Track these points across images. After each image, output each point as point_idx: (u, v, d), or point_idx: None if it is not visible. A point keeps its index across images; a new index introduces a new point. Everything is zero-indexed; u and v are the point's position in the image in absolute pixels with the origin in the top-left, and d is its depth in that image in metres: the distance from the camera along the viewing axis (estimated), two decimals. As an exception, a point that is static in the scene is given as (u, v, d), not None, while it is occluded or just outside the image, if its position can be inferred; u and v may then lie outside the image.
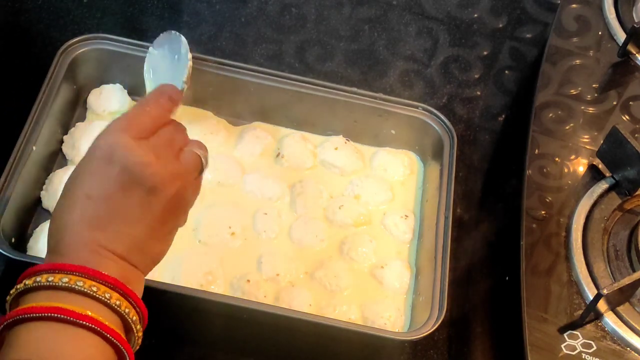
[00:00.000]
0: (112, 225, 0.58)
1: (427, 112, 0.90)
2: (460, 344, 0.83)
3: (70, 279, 0.55)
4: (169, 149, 0.62)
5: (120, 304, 0.56)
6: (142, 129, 0.61)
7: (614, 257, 0.80)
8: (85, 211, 0.58)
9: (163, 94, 0.65)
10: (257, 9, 1.06)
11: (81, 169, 0.60)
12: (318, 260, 0.83)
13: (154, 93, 0.66)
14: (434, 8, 1.10)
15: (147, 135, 0.61)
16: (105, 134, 0.60)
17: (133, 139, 0.59)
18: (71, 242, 0.57)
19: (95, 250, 0.57)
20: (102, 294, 0.55)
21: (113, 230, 0.58)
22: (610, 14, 0.99)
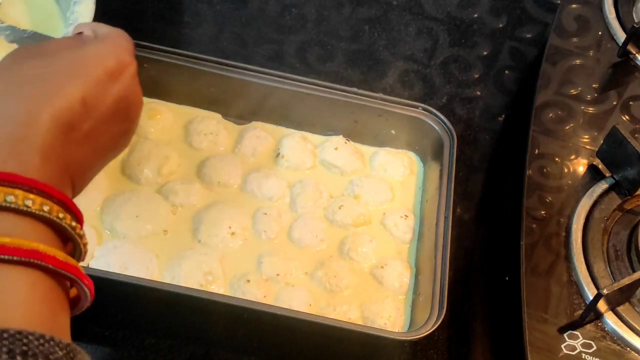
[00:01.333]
0: (87, 147, 0.53)
1: (427, 112, 0.90)
2: (460, 344, 0.83)
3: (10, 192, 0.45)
4: None
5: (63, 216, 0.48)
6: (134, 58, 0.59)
7: (614, 257, 0.80)
8: (72, 116, 0.52)
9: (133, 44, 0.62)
10: (257, 9, 1.06)
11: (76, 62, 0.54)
12: (318, 260, 0.83)
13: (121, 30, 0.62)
14: (434, 8, 1.10)
15: None
16: (117, 47, 0.57)
17: (137, 69, 0.58)
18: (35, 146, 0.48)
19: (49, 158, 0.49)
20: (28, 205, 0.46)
21: (83, 154, 0.53)
22: (610, 14, 0.99)
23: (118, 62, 0.56)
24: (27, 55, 0.54)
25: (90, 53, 0.56)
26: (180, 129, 0.91)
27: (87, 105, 0.53)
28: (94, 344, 0.78)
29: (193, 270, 0.79)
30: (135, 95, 0.58)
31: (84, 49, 0.56)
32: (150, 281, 0.75)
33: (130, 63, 0.58)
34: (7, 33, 0.70)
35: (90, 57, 0.55)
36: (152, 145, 0.87)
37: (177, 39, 1.02)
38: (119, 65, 0.56)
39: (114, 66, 0.56)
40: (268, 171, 0.88)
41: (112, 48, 0.57)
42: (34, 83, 0.51)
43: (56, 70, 0.53)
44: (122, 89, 0.56)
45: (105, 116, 0.55)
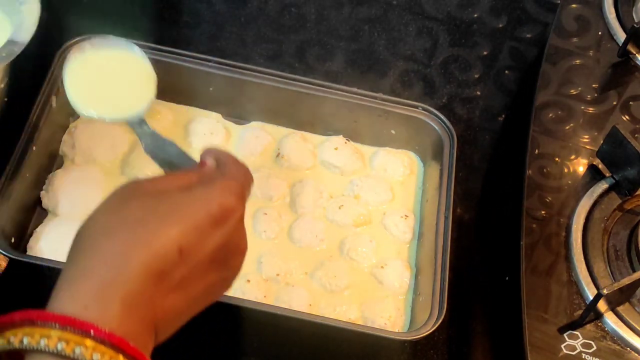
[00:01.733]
0: (177, 296, 0.50)
1: (427, 112, 0.90)
2: (460, 344, 0.83)
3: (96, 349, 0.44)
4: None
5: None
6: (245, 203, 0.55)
7: (614, 257, 0.80)
8: (165, 265, 0.48)
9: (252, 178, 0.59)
10: (257, 8, 1.06)
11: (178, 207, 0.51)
12: (318, 260, 0.83)
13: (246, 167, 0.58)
14: (434, 8, 1.10)
15: None
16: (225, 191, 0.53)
17: (243, 214, 0.54)
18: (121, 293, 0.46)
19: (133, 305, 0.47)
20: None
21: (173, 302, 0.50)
22: (610, 14, 0.99)
23: (223, 208, 0.52)
24: (134, 194, 0.52)
25: (196, 196, 0.52)
26: (180, 129, 0.91)
27: (183, 253, 0.49)
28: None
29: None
30: (238, 243, 0.54)
31: (191, 191, 0.52)
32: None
33: (236, 209, 0.53)
34: (147, 142, 0.66)
35: (194, 201, 0.52)
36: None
37: (177, 38, 1.02)
38: (224, 211, 0.52)
39: (217, 213, 0.51)
40: (268, 171, 0.88)
41: (220, 192, 0.53)
42: (133, 227, 0.49)
43: (157, 213, 0.50)
44: (223, 237, 0.52)
45: (202, 265, 0.51)
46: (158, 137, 0.66)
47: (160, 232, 0.49)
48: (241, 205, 0.54)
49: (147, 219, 0.49)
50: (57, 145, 0.87)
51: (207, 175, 0.56)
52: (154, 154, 0.65)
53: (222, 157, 0.58)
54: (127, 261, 0.47)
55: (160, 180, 0.55)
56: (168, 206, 0.51)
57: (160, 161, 0.65)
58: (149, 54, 0.88)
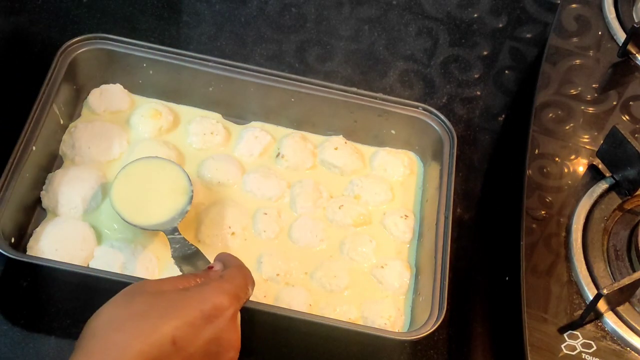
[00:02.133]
0: None
1: (427, 112, 0.90)
2: (460, 344, 0.83)
3: None
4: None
5: None
6: (241, 303, 0.63)
7: (614, 257, 0.80)
8: (160, 354, 0.56)
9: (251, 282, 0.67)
10: (257, 8, 1.06)
11: (175, 304, 0.59)
12: (318, 260, 0.83)
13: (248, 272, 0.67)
14: (434, 8, 1.10)
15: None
16: (218, 291, 0.61)
17: (236, 312, 0.61)
18: None
19: None
20: None
21: None
22: (610, 14, 0.99)
23: (214, 306, 0.59)
24: (139, 292, 0.60)
25: (191, 296, 0.60)
26: (180, 129, 0.91)
27: (176, 345, 0.56)
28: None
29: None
30: (229, 339, 0.60)
31: (187, 292, 0.60)
32: (150, 281, 0.75)
33: (227, 308, 0.60)
34: (176, 247, 0.75)
35: (189, 300, 0.59)
36: (153, 145, 0.87)
37: (177, 38, 1.02)
38: (215, 309, 0.59)
39: (209, 310, 0.59)
40: (268, 171, 0.88)
41: (212, 292, 0.60)
42: (136, 320, 0.57)
43: (157, 310, 0.58)
44: (215, 332, 0.59)
45: (195, 356, 0.58)
46: (185, 243, 0.75)
47: (158, 325, 0.56)
48: (233, 304, 0.61)
49: (147, 313, 0.57)
50: (57, 145, 0.87)
51: (209, 277, 0.64)
52: (179, 259, 0.74)
53: (229, 261, 0.67)
54: (126, 349, 0.55)
55: (163, 281, 0.63)
56: (166, 303, 0.58)
57: (184, 266, 0.73)
58: (149, 54, 0.89)
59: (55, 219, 0.81)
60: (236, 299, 0.62)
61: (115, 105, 0.90)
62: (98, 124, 0.88)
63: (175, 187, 0.79)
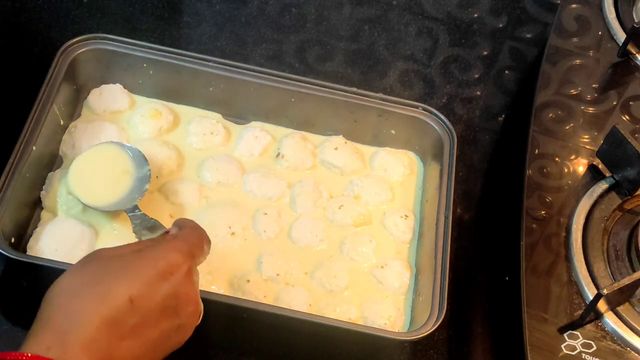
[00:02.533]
0: (133, 341, 0.57)
1: (427, 112, 0.90)
2: (460, 344, 0.83)
3: None
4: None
5: None
6: (196, 260, 0.64)
7: (614, 257, 0.80)
8: (118, 313, 0.57)
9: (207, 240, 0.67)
10: (257, 9, 1.06)
11: (129, 265, 0.60)
12: (318, 260, 0.83)
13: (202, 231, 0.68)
14: (434, 8, 1.10)
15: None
16: (171, 249, 0.62)
17: (192, 269, 0.62)
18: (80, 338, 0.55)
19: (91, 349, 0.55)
20: None
21: (129, 347, 0.57)
22: (610, 14, 0.99)
23: (168, 263, 0.60)
24: (94, 258, 0.61)
25: (144, 256, 0.61)
26: (180, 129, 0.91)
27: (133, 304, 0.57)
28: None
29: None
30: (186, 293, 0.61)
31: (141, 253, 0.61)
32: (150, 281, 0.75)
33: (181, 264, 0.61)
34: (137, 222, 0.77)
35: (143, 260, 0.60)
36: (153, 145, 0.87)
37: (177, 38, 1.02)
38: (169, 266, 0.60)
39: (163, 267, 0.60)
40: (268, 171, 0.88)
41: (166, 251, 0.62)
42: (91, 285, 0.58)
43: (110, 272, 0.59)
44: (171, 288, 0.60)
45: (154, 313, 0.59)
46: (145, 217, 0.77)
47: (113, 288, 0.57)
48: (187, 261, 0.62)
49: (102, 277, 0.58)
50: (57, 145, 0.87)
51: (169, 237, 0.66)
52: (140, 233, 0.75)
53: (184, 224, 0.68)
54: (84, 313, 0.56)
55: (118, 247, 0.63)
56: (120, 264, 0.60)
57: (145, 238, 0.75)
58: (149, 54, 0.89)
59: (55, 219, 0.81)
60: (190, 255, 0.63)
61: (115, 105, 0.90)
62: (98, 124, 0.88)
63: (125, 168, 0.82)
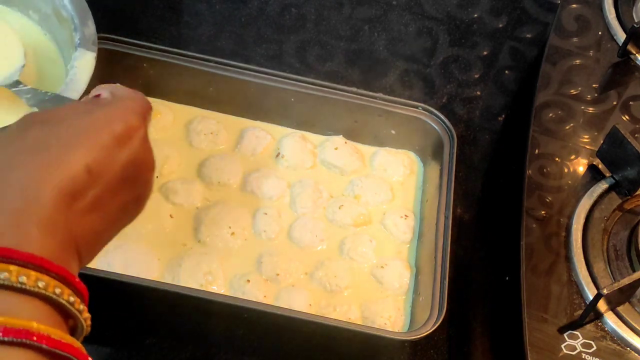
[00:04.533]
0: (93, 215, 0.50)
1: (427, 112, 0.90)
2: (460, 344, 0.83)
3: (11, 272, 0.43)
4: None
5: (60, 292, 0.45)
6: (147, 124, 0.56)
7: (614, 257, 0.80)
8: (75, 185, 0.49)
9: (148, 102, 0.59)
10: (257, 9, 1.06)
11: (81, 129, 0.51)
12: (318, 260, 0.83)
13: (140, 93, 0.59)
14: (434, 8, 1.10)
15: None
16: (125, 110, 0.54)
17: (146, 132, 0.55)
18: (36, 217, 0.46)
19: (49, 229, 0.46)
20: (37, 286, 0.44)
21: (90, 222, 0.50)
22: (610, 14, 0.99)
23: (126, 126, 0.53)
24: (33, 122, 0.52)
25: (97, 117, 0.53)
26: (180, 129, 0.91)
27: (91, 173, 0.49)
28: (94, 344, 0.78)
29: (193, 270, 0.79)
30: (145, 159, 0.55)
31: (92, 114, 0.53)
32: (151, 281, 0.75)
33: (139, 127, 0.54)
34: (28, 96, 0.70)
35: (96, 123, 0.52)
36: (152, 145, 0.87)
37: (177, 38, 1.02)
38: (127, 129, 0.53)
39: (121, 131, 0.52)
40: (268, 171, 0.88)
41: (121, 112, 0.54)
42: (36, 152, 0.49)
43: (60, 137, 0.50)
44: (131, 154, 0.53)
45: (113, 183, 0.52)
46: (37, 91, 0.71)
47: (67, 155, 0.49)
48: (143, 123, 0.55)
49: (50, 144, 0.49)
50: (57, 145, 0.87)
51: (106, 101, 0.57)
52: (38, 105, 0.69)
53: (116, 89, 0.59)
54: (36, 188, 0.47)
55: (57, 109, 0.54)
56: (71, 130, 0.51)
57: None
58: (149, 54, 0.89)
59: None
60: (144, 118, 0.56)
61: (115, 105, 0.90)
62: (98, 124, 0.88)
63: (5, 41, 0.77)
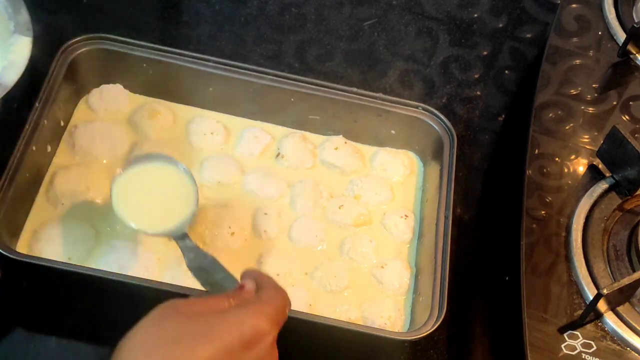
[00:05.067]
0: None
1: (427, 112, 0.90)
2: (460, 344, 0.83)
3: None
4: None
5: None
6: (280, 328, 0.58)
7: (614, 257, 0.80)
8: None
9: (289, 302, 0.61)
10: (257, 8, 1.06)
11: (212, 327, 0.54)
12: (318, 260, 0.83)
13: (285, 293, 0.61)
14: (434, 8, 1.10)
15: None
16: (259, 314, 0.56)
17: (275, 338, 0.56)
18: None
19: None
20: None
21: None
22: (610, 14, 0.99)
23: (255, 331, 0.55)
24: (171, 313, 0.55)
25: (229, 319, 0.55)
26: (180, 129, 0.91)
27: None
28: (93, 344, 0.78)
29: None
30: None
31: (227, 313, 0.56)
32: (150, 281, 0.75)
33: (269, 333, 0.56)
34: (191, 256, 0.70)
35: (227, 324, 0.54)
36: (153, 145, 0.87)
37: (177, 38, 1.02)
38: (255, 335, 0.55)
39: (249, 335, 0.54)
40: (268, 171, 0.88)
41: (253, 315, 0.56)
42: (169, 345, 0.52)
43: (191, 334, 0.53)
44: (255, 358, 0.55)
45: None
46: (200, 252, 0.70)
47: (193, 350, 0.52)
48: (274, 329, 0.56)
49: (181, 338, 0.52)
50: (57, 145, 0.87)
51: (244, 298, 0.59)
52: (196, 270, 0.68)
53: (262, 281, 0.61)
54: None
55: (196, 301, 0.57)
56: (202, 327, 0.53)
57: (202, 279, 0.68)
58: (149, 54, 0.89)
59: (55, 218, 0.81)
60: (276, 323, 0.57)
61: (115, 105, 0.90)
62: (98, 124, 0.88)
63: (180, 191, 0.73)
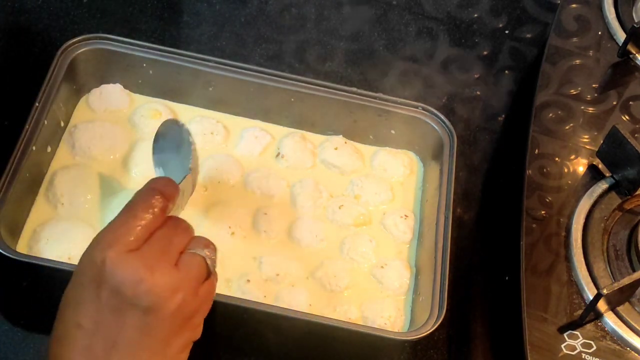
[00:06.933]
0: (109, 357, 0.54)
1: (427, 112, 0.90)
2: (460, 344, 0.83)
3: None
4: (164, 257, 0.56)
5: None
6: (130, 239, 0.55)
7: (614, 257, 0.80)
8: (76, 343, 0.54)
9: (152, 192, 0.58)
10: (257, 8, 1.06)
11: (70, 294, 0.56)
12: (318, 260, 0.83)
13: (142, 192, 0.59)
14: (434, 8, 1.10)
15: (137, 245, 0.55)
16: (91, 251, 0.55)
17: (121, 254, 0.54)
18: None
19: None
20: None
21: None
22: (610, 14, 0.99)
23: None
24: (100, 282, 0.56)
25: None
26: (180, 129, 0.91)
27: None
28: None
29: None
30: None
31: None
32: (150, 281, 0.75)
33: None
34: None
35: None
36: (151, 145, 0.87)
37: (177, 38, 1.02)
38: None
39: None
40: (268, 171, 0.88)
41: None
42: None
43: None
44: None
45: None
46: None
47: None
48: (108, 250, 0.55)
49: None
50: (57, 145, 0.86)
51: None
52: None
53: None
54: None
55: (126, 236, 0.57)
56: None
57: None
58: (149, 54, 0.89)
59: (55, 218, 0.81)
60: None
61: (115, 105, 0.90)
62: (98, 124, 0.88)
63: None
